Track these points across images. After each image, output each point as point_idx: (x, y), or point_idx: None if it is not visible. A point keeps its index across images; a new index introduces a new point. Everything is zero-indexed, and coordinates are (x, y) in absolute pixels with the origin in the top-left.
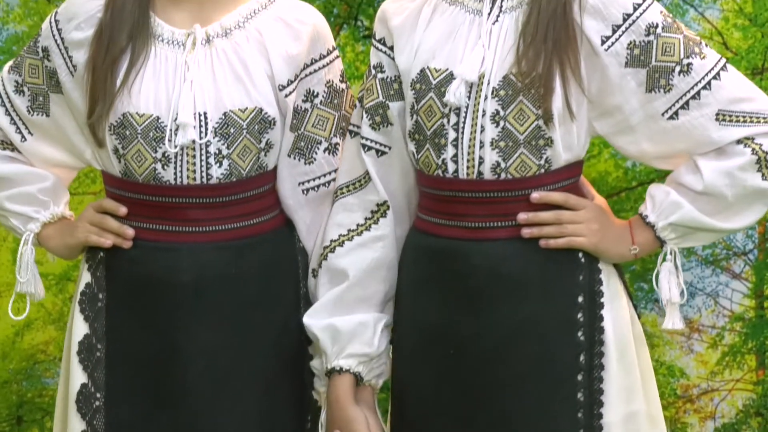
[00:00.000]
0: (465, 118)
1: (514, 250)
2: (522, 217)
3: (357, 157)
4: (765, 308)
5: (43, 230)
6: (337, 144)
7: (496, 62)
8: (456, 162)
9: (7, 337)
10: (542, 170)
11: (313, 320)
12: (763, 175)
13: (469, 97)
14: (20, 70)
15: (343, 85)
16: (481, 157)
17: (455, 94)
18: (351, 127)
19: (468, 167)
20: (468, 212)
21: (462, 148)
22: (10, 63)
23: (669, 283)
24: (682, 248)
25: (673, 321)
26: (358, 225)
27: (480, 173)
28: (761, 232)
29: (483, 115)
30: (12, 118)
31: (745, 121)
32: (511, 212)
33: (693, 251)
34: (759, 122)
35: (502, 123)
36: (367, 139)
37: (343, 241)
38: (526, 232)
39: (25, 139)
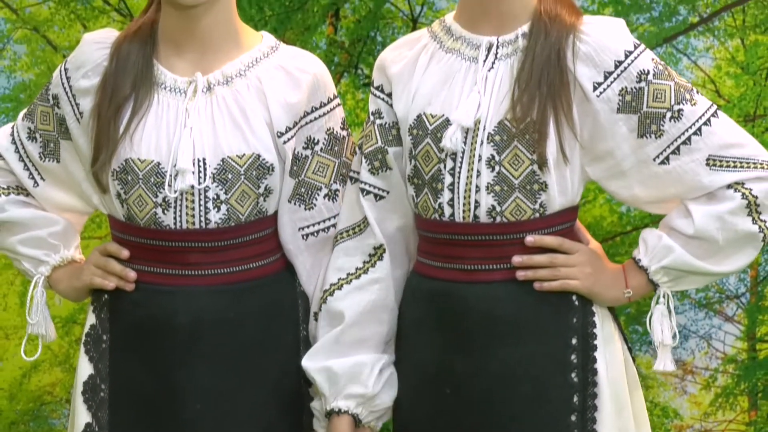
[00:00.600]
0: (461, 162)
1: (509, 292)
2: (517, 259)
3: (356, 203)
4: (757, 350)
5: (53, 273)
6: (336, 190)
7: (491, 108)
8: (452, 206)
9: (14, 379)
10: (537, 214)
11: (311, 362)
12: (753, 219)
13: (465, 142)
14: (33, 117)
15: (344, 133)
16: (477, 201)
17: (451, 139)
18: (351, 174)
19: (464, 211)
20: (464, 255)
21: (458, 192)
22: (24, 110)
23: (662, 325)
24: (676, 291)
25: (664, 363)
26: (356, 269)
27: (476, 217)
28: (753, 276)
29: (479, 160)
30: (25, 164)
31: (735, 167)
32: (506, 255)
33: (686, 295)
34: (749, 167)
35: (497, 168)
36: (366, 183)
37: (342, 285)
38: (520, 274)
39: (38, 185)
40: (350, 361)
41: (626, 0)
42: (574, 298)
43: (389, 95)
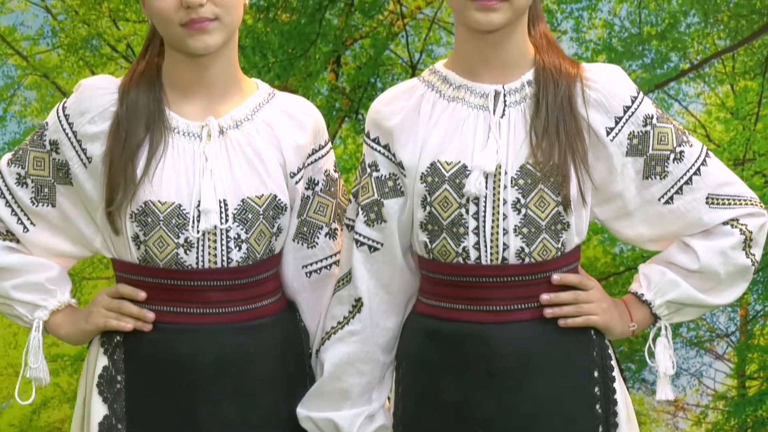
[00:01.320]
0: (485, 207)
1: (537, 330)
2: (545, 297)
3: (350, 252)
4: (747, 387)
5: (51, 318)
6: (336, 229)
7: (510, 153)
8: (478, 249)
9: (24, 416)
10: (559, 253)
11: (300, 410)
12: (746, 253)
13: (486, 187)
14: (23, 162)
15: (336, 174)
16: (505, 244)
17: (476, 184)
18: (347, 221)
19: (492, 253)
20: (490, 296)
21: (485, 236)
22: (8, 156)
23: (664, 356)
24: (671, 326)
25: (665, 392)
26: (343, 317)
27: (504, 259)
28: (743, 315)
29: (504, 204)
30: (13, 210)
31: (731, 204)
32: (533, 294)
33: (678, 333)
34: (742, 204)
35: (523, 210)
36: (360, 234)
37: (330, 335)
38: (548, 312)
39: (27, 230)
40: (332, 416)
41: (619, 47)
42: (592, 332)
43: (386, 147)
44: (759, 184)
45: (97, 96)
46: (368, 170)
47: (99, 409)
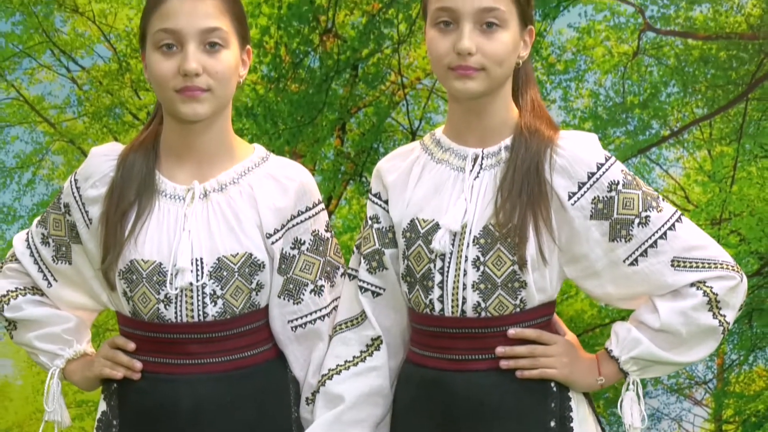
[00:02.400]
0: (449, 263)
1: (493, 380)
2: (500, 350)
3: (355, 298)
4: (723, 431)
5: (67, 366)
6: (322, 286)
7: (477, 214)
8: (442, 301)
9: None
10: (518, 309)
11: None
12: (714, 314)
13: (453, 244)
14: (46, 224)
15: (328, 234)
16: (464, 298)
17: (440, 241)
18: (350, 271)
19: (452, 306)
20: (452, 346)
21: (447, 290)
22: (38, 218)
23: (631, 410)
24: (646, 378)
25: None
26: (354, 356)
27: (463, 312)
28: (719, 364)
29: (465, 261)
30: (39, 267)
31: (697, 267)
32: (490, 346)
33: (659, 381)
34: (710, 267)
35: (482, 267)
36: (364, 281)
37: (340, 370)
38: (503, 364)
39: (51, 285)
40: None
41: (604, 115)
42: (552, 384)
43: (386, 202)
44: (735, 242)
45: (100, 162)
46: (370, 222)
47: None
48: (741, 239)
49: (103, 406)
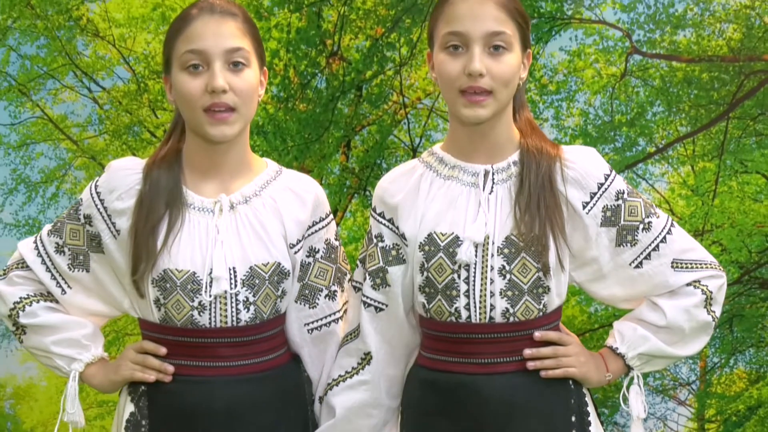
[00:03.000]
0: (474, 272)
1: (521, 381)
2: (527, 352)
3: (358, 311)
4: (706, 430)
5: (86, 369)
6: (335, 291)
7: (497, 226)
8: (468, 309)
9: None
10: (541, 313)
11: None
12: (707, 311)
13: (476, 255)
14: (61, 233)
15: (337, 243)
16: (492, 305)
17: (466, 253)
18: (355, 283)
19: (480, 313)
20: (479, 351)
21: (474, 298)
22: (48, 227)
23: (637, 401)
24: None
25: None
26: (351, 368)
27: (491, 318)
28: (702, 367)
29: (491, 270)
30: (53, 275)
31: (693, 267)
32: (517, 349)
33: (645, 382)
34: (703, 268)
35: (508, 276)
36: (368, 297)
37: (339, 382)
38: (530, 365)
39: (65, 292)
40: None
41: (594, 133)
42: (570, 383)
43: (390, 221)
44: (716, 252)
45: (124, 176)
46: (374, 240)
47: None
48: (722, 249)
49: (130, 408)
